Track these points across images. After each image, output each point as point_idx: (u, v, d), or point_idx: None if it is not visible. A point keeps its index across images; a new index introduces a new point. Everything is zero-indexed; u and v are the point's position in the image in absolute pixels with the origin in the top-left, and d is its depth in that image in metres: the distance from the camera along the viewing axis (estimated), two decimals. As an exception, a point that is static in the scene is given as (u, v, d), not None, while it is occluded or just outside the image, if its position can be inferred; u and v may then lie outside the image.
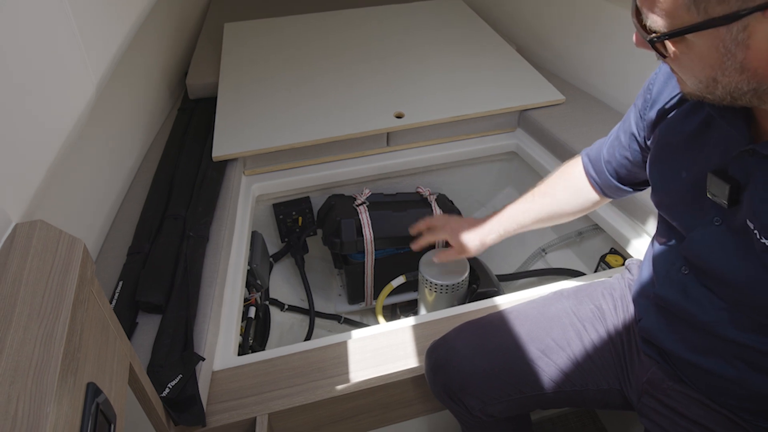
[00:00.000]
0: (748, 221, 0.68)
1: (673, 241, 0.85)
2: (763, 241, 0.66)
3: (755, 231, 0.67)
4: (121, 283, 1.23)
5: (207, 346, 1.12)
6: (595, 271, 1.68)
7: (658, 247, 0.89)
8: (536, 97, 1.86)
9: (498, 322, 1.06)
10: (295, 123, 1.76)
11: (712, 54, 0.59)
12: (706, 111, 0.76)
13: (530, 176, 1.85)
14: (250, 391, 1.10)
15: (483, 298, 1.34)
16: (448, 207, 1.82)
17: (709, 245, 0.75)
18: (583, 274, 1.73)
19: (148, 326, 1.15)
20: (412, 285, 1.71)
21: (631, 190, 1.04)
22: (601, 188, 1.07)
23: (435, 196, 1.82)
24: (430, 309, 1.54)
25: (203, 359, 1.07)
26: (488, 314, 1.10)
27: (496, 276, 1.67)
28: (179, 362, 1.05)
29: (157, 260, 1.29)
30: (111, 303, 1.18)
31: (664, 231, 0.87)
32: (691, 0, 0.56)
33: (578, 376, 0.99)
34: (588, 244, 1.82)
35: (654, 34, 0.61)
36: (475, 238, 1.20)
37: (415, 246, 1.31)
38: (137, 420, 0.91)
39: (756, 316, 0.73)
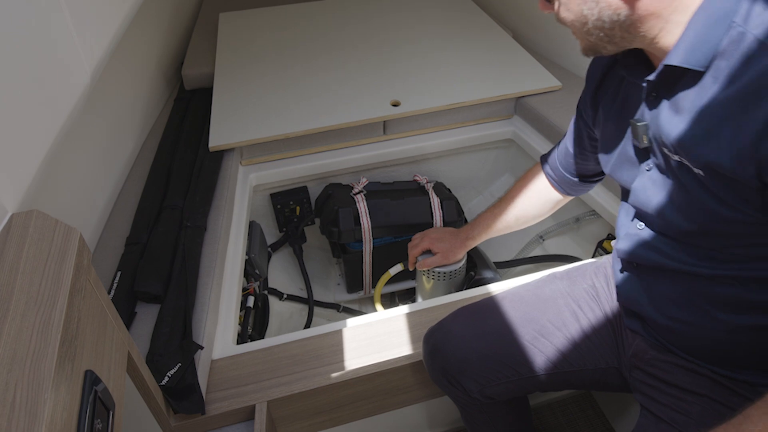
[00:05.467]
0: (677, 157, 0.73)
1: (626, 201, 0.91)
2: (697, 171, 0.70)
3: (684, 161, 0.72)
4: (119, 273, 1.24)
5: (206, 335, 1.13)
6: (593, 257, 1.68)
7: (620, 211, 0.95)
8: (533, 84, 1.86)
9: (493, 305, 1.07)
10: (292, 112, 1.76)
11: None
12: (619, 77, 0.86)
13: (527, 163, 1.85)
14: (248, 379, 1.11)
15: (480, 285, 1.34)
16: (445, 195, 1.82)
17: (647, 190, 0.82)
18: (581, 260, 1.74)
19: (147, 316, 1.16)
20: (410, 273, 1.71)
21: (586, 182, 1.13)
22: (559, 185, 1.16)
23: (432, 184, 1.82)
24: (428, 296, 1.54)
25: (202, 348, 1.08)
26: (484, 298, 1.10)
27: (494, 263, 1.67)
28: (178, 351, 1.05)
29: (156, 250, 1.29)
30: (110, 293, 1.18)
31: (622, 195, 0.94)
32: None
33: (576, 356, 1.00)
34: (585, 230, 1.82)
35: None
36: (456, 243, 1.36)
37: (411, 265, 1.46)
38: (137, 408, 0.92)
39: (706, 242, 0.78)
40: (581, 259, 1.72)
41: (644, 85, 0.75)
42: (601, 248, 1.64)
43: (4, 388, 0.54)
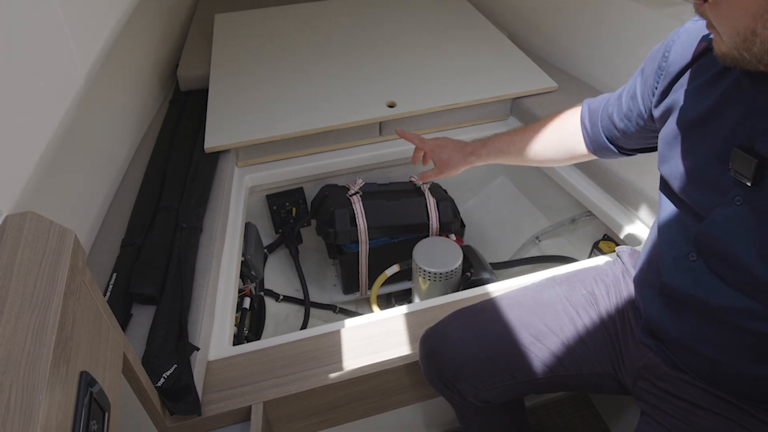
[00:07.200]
0: None
1: (680, 226, 0.81)
2: None
3: None
4: (115, 275, 1.23)
5: (202, 336, 1.12)
6: (589, 257, 1.69)
7: (663, 233, 0.85)
8: (528, 85, 1.86)
9: (490, 308, 1.06)
10: (288, 113, 1.76)
11: (754, 0, 0.57)
12: (731, 81, 0.72)
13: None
14: (245, 380, 1.10)
15: (476, 286, 1.35)
16: (441, 196, 1.82)
17: (729, 226, 0.71)
18: (577, 260, 1.74)
19: (143, 318, 1.16)
20: (406, 274, 1.71)
21: (617, 152, 1.03)
22: (590, 142, 1.06)
23: (428, 186, 1.82)
24: (424, 297, 1.54)
25: (198, 349, 1.08)
26: (481, 301, 1.10)
27: (490, 264, 1.67)
28: (174, 352, 1.05)
29: (151, 252, 1.29)
30: (105, 295, 1.18)
31: (669, 216, 0.84)
32: None
33: (571, 361, 1.00)
34: (581, 231, 1.83)
35: None
36: (457, 156, 1.24)
37: (413, 159, 1.35)
38: (132, 409, 0.91)
39: None
40: (577, 260, 1.72)
41: None
42: (597, 249, 1.65)
43: (-2, 390, 0.54)
